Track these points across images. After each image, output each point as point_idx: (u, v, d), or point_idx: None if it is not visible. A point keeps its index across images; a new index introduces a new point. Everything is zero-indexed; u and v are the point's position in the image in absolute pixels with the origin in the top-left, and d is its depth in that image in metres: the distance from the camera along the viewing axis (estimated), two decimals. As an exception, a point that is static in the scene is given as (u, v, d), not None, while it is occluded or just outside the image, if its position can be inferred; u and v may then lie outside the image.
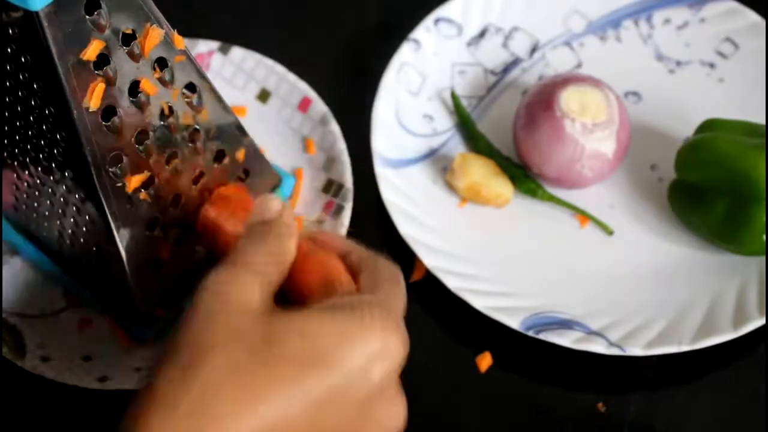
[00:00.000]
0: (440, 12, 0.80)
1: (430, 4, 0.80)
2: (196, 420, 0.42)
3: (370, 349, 0.46)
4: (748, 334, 0.68)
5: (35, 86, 0.53)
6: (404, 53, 0.78)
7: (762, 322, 0.68)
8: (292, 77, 0.78)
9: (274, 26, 0.85)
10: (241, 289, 0.47)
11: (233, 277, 0.48)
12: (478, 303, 0.69)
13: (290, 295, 0.51)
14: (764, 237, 0.68)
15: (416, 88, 0.79)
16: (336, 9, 0.85)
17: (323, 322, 0.46)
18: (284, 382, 0.44)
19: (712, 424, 0.68)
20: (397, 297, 0.50)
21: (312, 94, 0.77)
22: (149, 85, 0.55)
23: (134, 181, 0.57)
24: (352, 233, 0.71)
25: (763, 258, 0.71)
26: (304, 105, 0.77)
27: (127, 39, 0.53)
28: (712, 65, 0.80)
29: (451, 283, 0.69)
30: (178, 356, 0.45)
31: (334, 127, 0.75)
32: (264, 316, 0.46)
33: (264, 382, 0.44)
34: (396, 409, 0.48)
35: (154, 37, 0.54)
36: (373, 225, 0.75)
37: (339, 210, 0.72)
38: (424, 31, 0.79)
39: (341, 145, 0.75)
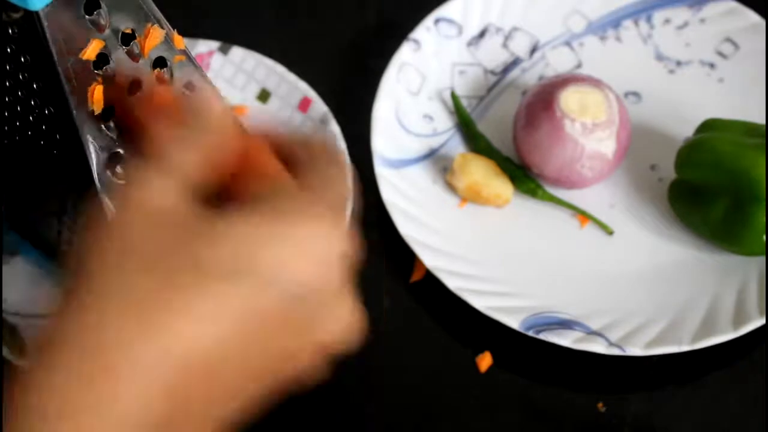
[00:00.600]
0: (440, 12, 0.80)
1: (430, 4, 0.80)
2: (85, 365, 0.36)
3: (299, 247, 0.39)
4: (748, 335, 0.68)
5: (35, 86, 0.53)
6: (404, 53, 0.78)
7: (762, 322, 0.68)
8: (292, 77, 0.78)
9: (274, 26, 0.85)
10: (153, 195, 0.40)
11: (145, 181, 0.40)
12: (478, 303, 0.69)
13: (219, 191, 0.44)
14: (764, 237, 0.68)
15: (416, 88, 0.79)
16: (336, 9, 0.85)
17: (251, 225, 0.39)
18: (202, 301, 0.37)
19: (711, 424, 0.68)
20: (341, 184, 0.44)
21: (312, 94, 0.77)
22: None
23: None
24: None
25: (763, 258, 0.71)
26: (304, 105, 0.77)
27: (127, 39, 0.53)
28: (712, 65, 0.80)
29: (451, 283, 0.69)
30: (75, 283, 0.39)
31: (334, 127, 0.75)
32: (184, 225, 0.39)
33: (177, 304, 0.37)
34: (343, 312, 0.42)
35: (154, 37, 0.54)
36: (373, 225, 0.75)
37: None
38: (424, 31, 0.79)
39: (341, 145, 0.75)
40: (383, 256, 0.74)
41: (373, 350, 0.70)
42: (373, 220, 0.75)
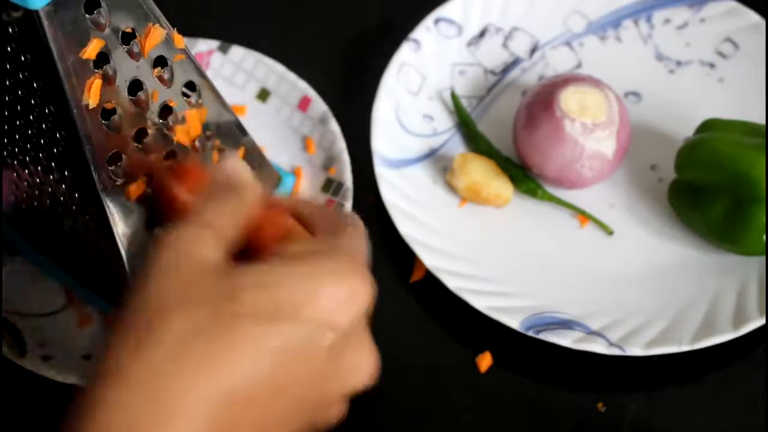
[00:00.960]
0: (440, 12, 0.80)
1: (430, 4, 0.80)
2: (153, 390, 0.40)
3: (335, 296, 0.43)
4: (748, 334, 0.68)
5: (35, 85, 0.53)
6: (404, 53, 0.78)
7: (762, 322, 0.68)
8: (291, 76, 0.78)
9: (274, 26, 0.85)
10: (197, 246, 0.44)
11: (189, 234, 0.45)
12: (478, 303, 0.69)
13: (246, 255, 0.48)
14: (764, 237, 0.68)
15: (416, 88, 0.79)
16: (336, 9, 0.85)
17: (282, 272, 0.43)
18: (246, 341, 0.41)
19: (712, 424, 0.68)
20: (359, 240, 0.48)
21: (312, 93, 0.77)
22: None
23: (134, 187, 0.57)
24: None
25: (763, 258, 0.71)
26: (304, 104, 0.77)
27: (127, 38, 0.53)
28: (712, 65, 0.80)
29: (451, 283, 0.69)
30: (132, 322, 0.42)
31: (334, 126, 0.75)
32: (222, 273, 0.43)
33: (225, 343, 0.41)
34: (365, 356, 0.46)
35: (155, 36, 0.54)
36: (373, 225, 0.75)
37: (338, 208, 0.72)
38: (424, 31, 0.79)
39: (341, 144, 0.75)
40: (383, 256, 0.74)
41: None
42: (373, 220, 0.75)
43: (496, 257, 0.73)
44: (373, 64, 0.79)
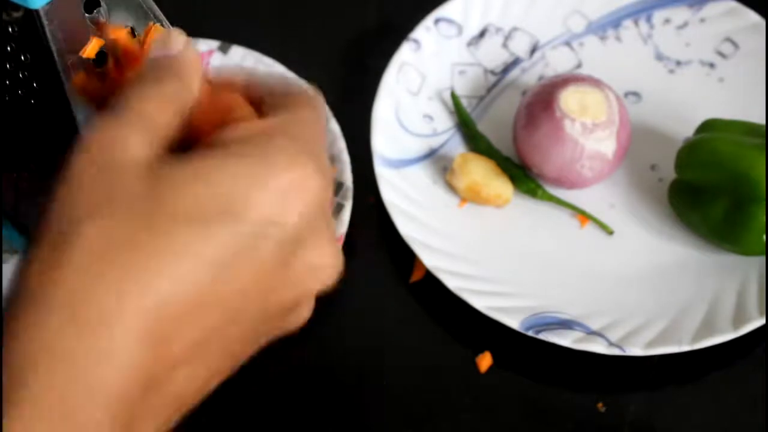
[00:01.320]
0: (440, 12, 0.80)
1: (430, 4, 0.80)
2: (66, 318, 0.35)
3: (279, 189, 0.38)
4: (748, 334, 0.68)
5: (34, 85, 0.53)
6: (404, 53, 0.78)
7: (762, 322, 0.68)
8: (291, 76, 0.78)
9: (274, 26, 0.85)
10: (121, 143, 0.38)
11: (111, 128, 0.39)
12: (478, 303, 0.69)
13: (184, 144, 0.41)
14: (764, 237, 0.68)
15: (416, 88, 0.79)
16: (336, 8, 0.85)
17: (217, 165, 0.38)
18: (177, 247, 0.36)
19: (712, 424, 0.68)
20: (308, 122, 0.42)
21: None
22: None
23: None
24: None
25: (763, 258, 0.71)
26: (304, 103, 0.77)
27: None
28: (712, 65, 0.80)
29: (451, 283, 0.69)
30: (45, 241, 0.37)
31: (334, 126, 0.75)
32: (151, 171, 0.38)
33: (152, 249, 0.36)
34: (323, 254, 0.40)
35: (155, 35, 0.53)
36: (373, 225, 0.75)
37: (339, 208, 0.72)
38: (424, 31, 0.79)
39: (341, 144, 0.75)
40: (383, 256, 0.74)
41: (373, 350, 0.70)
42: (373, 220, 0.75)
43: (496, 257, 0.73)
44: (373, 64, 0.79)
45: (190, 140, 0.41)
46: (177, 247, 0.36)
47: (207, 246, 0.36)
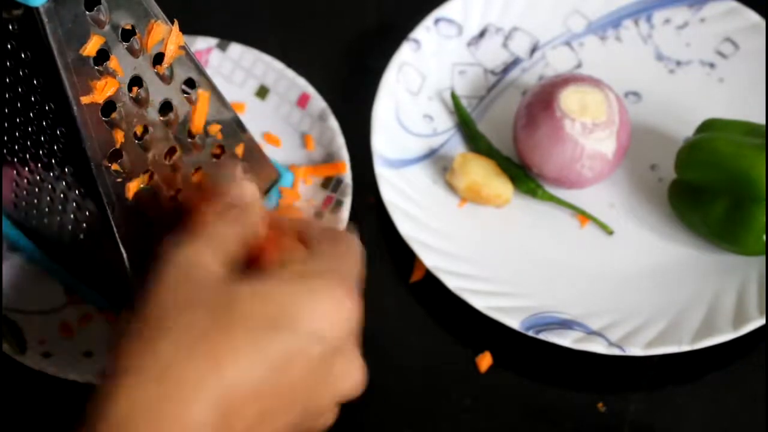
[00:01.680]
0: (440, 12, 0.80)
1: (430, 4, 0.80)
2: (161, 386, 0.44)
3: (326, 311, 0.48)
4: (748, 334, 0.67)
5: (35, 82, 0.53)
6: (404, 53, 0.78)
7: (762, 322, 0.68)
8: (290, 73, 0.78)
9: (273, 26, 0.85)
10: (202, 259, 0.49)
11: (196, 248, 0.49)
12: (478, 303, 0.68)
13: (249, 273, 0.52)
14: (764, 237, 0.68)
15: (416, 88, 0.79)
16: (336, 9, 0.85)
17: (278, 286, 0.48)
18: (245, 345, 0.45)
19: (712, 424, 0.68)
20: (348, 261, 0.52)
21: (311, 90, 0.77)
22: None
23: (133, 184, 0.57)
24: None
25: (763, 258, 0.71)
26: (303, 101, 0.77)
27: (127, 35, 0.53)
28: (712, 65, 0.80)
29: (451, 283, 0.69)
30: (141, 327, 0.46)
31: (333, 123, 0.75)
32: (225, 284, 0.48)
33: (226, 345, 0.45)
34: (352, 367, 0.50)
35: (157, 32, 0.54)
36: (373, 225, 0.75)
37: (338, 205, 0.72)
38: (424, 31, 0.79)
39: (340, 141, 0.75)
40: (383, 256, 0.74)
41: (373, 350, 0.70)
42: (373, 220, 0.75)
43: (496, 257, 0.73)
44: (373, 64, 0.79)
45: (252, 271, 0.51)
46: (244, 346, 0.45)
47: (267, 347, 0.46)
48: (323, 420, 0.51)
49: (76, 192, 0.58)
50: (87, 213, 0.59)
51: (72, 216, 0.61)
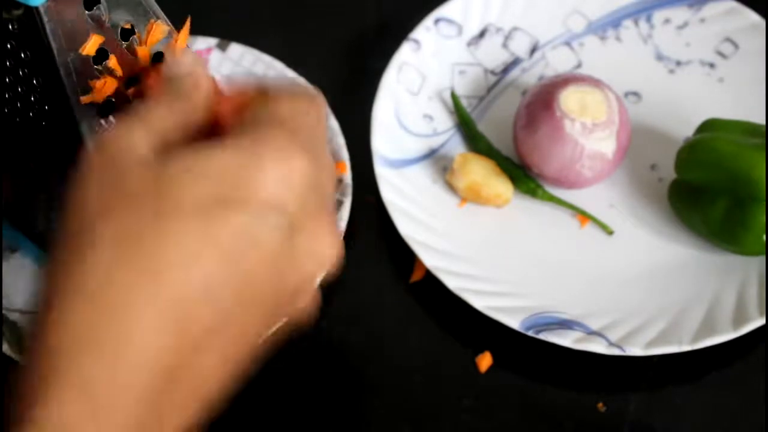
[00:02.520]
0: (440, 12, 0.80)
1: (430, 4, 0.80)
2: (96, 308, 0.37)
3: (279, 177, 0.40)
4: (748, 334, 0.67)
5: (35, 82, 0.53)
6: (404, 53, 0.78)
7: (762, 322, 0.68)
8: (290, 73, 0.78)
9: (273, 26, 0.85)
10: (129, 143, 0.41)
11: (121, 132, 0.41)
12: (478, 303, 0.68)
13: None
14: (764, 237, 0.68)
15: (416, 88, 0.79)
16: (336, 9, 0.85)
17: (216, 159, 0.40)
18: (189, 237, 0.38)
19: (712, 424, 0.68)
20: (306, 114, 0.44)
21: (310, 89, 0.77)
22: None
23: None
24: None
25: (763, 258, 0.71)
26: (303, 101, 0.77)
27: (126, 34, 0.53)
28: (712, 65, 0.80)
29: (451, 283, 0.69)
30: (66, 239, 0.40)
31: (333, 123, 0.75)
32: (155, 167, 0.40)
33: (161, 241, 0.38)
34: (322, 239, 0.42)
35: (158, 32, 0.54)
36: (373, 225, 0.75)
37: (338, 204, 0.72)
38: (424, 31, 0.79)
39: (340, 141, 0.75)
40: (383, 256, 0.74)
41: (373, 350, 0.70)
42: (373, 220, 0.75)
43: (496, 257, 0.73)
44: (373, 64, 0.79)
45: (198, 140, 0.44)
46: (184, 238, 0.38)
47: (212, 233, 0.39)
48: (300, 304, 0.43)
49: None
50: None
51: None
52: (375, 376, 0.70)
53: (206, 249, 0.39)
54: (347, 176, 0.73)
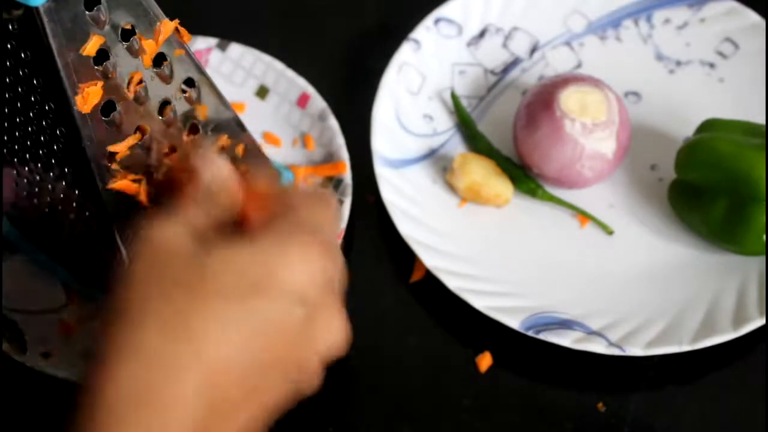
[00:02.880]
0: (440, 12, 0.80)
1: (430, 4, 0.80)
2: (149, 372, 0.44)
3: (301, 270, 0.46)
4: (748, 334, 0.67)
5: (35, 82, 0.53)
6: (404, 53, 0.78)
7: (762, 322, 0.68)
8: (290, 73, 0.78)
9: (274, 26, 0.85)
10: (171, 237, 0.47)
11: (163, 227, 0.48)
12: (478, 303, 0.68)
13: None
14: (764, 237, 0.68)
15: (416, 88, 0.79)
16: (336, 9, 0.85)
17: (249, 253, 0.46)
18: (222, 318, 0.44)
19: (712, 424, 0.68)
20: (319, 214, 0.50)
21: (311, 90, 0.77)
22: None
23: (134, 185, 0.57)
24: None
25: (763, 258, 0.71)
26: (303, 101, 0.77)
27: (126, 35, 0.53)
28: (712, 65, 0.80)
29: (451, 283, 0.69)
30: (120, 310, 0.46)
31: (333, 123, 0.75)
32: (196, 256, 0.46)
33: (202, 322, 0.44)
34: (335, 325, 0.49)
35: (157, 33, 0.54)
36: (373, 225, 0.75)
37: (338, 204, 0.72)
38: (424, 31, 0.79)
39: (340, 140, 0.75)
40: (383, 256, 0.74)
41: (373, 350, 0.70)
42: (373, 220, 0.75)
43: (496, 257, 0.73)
44: (373, 64, 0.79)
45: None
46: (221, 319, 0.44)
47: (245, 317, 0.45)
48: (308, 382, 0.49)
49: (76, 192, 0.58)
50: (87, 213, 0.59)
51: (72, 215, 0.61)
52: (375, 376, 0.70)
53: (237, 329, 0.45)
54: (347, 176, 0.73)
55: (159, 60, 0.55)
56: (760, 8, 0.80)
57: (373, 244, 0.75)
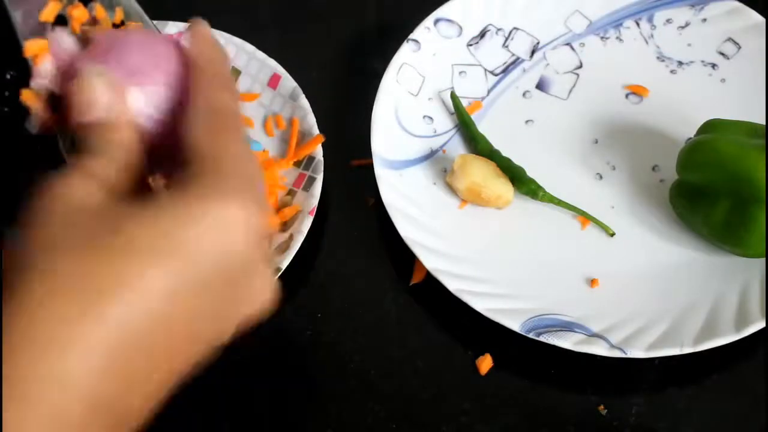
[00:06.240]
0: (440, 12, 0.80)
1: (430, 4, 0.80)
2: (33, 343, 0.38)
3: (223, 225, 0.42)
4: (749, 336, 0.67)
5: None
6: (404, 53, 0.78)
7: (764, 324, 0.67)
8: (261, 55, 0.79)
9: (273, 27, 0.85)
10: (76, 190, 0.42)
11: (68, 180, 0.43)
12: (479, 305, 0.68)
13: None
14: (766, 238, 0.68)
15: (416, 88, 0.78)
16: (335, 9, 0.85)
17: (163, 205, 0.42)
18: (131, 279, 0.40)
19: (713, 427, 0.67)
20: (246, 158, 0.45)
21: (281, 70, 0.78)
22: None
23: None
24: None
25: (765, 259, 0.70)
26: (274, 81, 0.78)
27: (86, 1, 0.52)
28: (713, 65, 0.80)
29: (452, 285, 0.69)
30: (10, 273, 0.40)
31: (304, 102, 0.76)
32: (101, 212, 0.42)
33: (107, 282, 0.39)
34: (259, 286, 0.44)
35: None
36: (374, 227, 0.75)
37: (310, 182, 0.73)
38: (424, 32, 0.79)
39: (311, 120, 0.76)
40: (383, 258, 0.74)
41: (374, 352, 0.70)
42: (374, 222, 0.74)
43: (496, 259, 0.73)
44: (373, 64, 0.79)
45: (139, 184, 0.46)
46: (131, 279, 0.40)
47: (157, 278, 0.40)
48: (221, 340, 0.45)
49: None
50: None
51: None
52: (375, 378, 0.69)
53: (147, 293, 0.40)
54: (319, 153, 0.74)
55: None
56: (761, 8, 0.80)
57: (373, 246, 0.74)
